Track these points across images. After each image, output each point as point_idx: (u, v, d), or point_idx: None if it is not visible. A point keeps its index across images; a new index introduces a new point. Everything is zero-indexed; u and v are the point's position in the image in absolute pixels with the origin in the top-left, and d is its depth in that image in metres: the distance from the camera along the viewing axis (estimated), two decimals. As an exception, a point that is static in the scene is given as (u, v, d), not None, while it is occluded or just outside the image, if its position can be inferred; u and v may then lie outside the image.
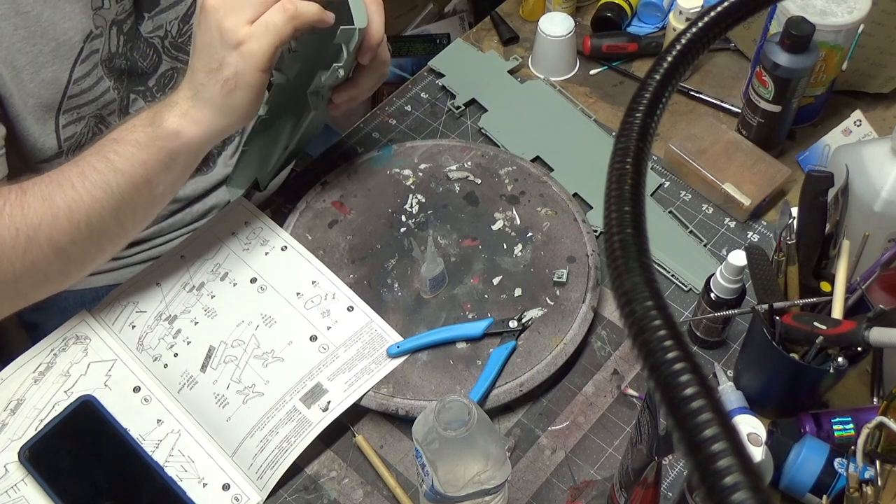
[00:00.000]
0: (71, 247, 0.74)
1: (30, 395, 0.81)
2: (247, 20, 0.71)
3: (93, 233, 0.75)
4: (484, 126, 1.05)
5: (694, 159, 0.97)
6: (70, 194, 0.72)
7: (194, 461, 0.78)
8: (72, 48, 0.81)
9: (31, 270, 0.74)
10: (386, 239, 0.91)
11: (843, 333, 0.67)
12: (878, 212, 0.79)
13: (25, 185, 0.73)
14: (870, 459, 0.66)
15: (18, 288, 0.75)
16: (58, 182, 0.72)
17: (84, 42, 0.82)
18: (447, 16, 2.07)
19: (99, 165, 0.73)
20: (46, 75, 0.81)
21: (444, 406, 0.62)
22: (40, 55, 0.79)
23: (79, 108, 0.86)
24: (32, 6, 0.77)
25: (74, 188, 0.72)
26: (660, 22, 1.16)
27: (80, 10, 0.80)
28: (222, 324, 0.85)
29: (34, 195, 0.72)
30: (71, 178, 0.72)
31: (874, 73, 1.03)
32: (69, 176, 0.73)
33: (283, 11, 0.71)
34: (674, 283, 0.91)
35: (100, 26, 0.83)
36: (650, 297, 0.29)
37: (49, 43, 0.79)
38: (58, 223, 0.72)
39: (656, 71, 0.37)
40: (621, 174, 0.34)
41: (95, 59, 0.84)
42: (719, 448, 0.25)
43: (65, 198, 0.72)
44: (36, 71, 0.80)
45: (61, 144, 0.87)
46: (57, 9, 0.78)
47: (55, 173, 0.73)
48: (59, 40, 0.80)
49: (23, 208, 0.71)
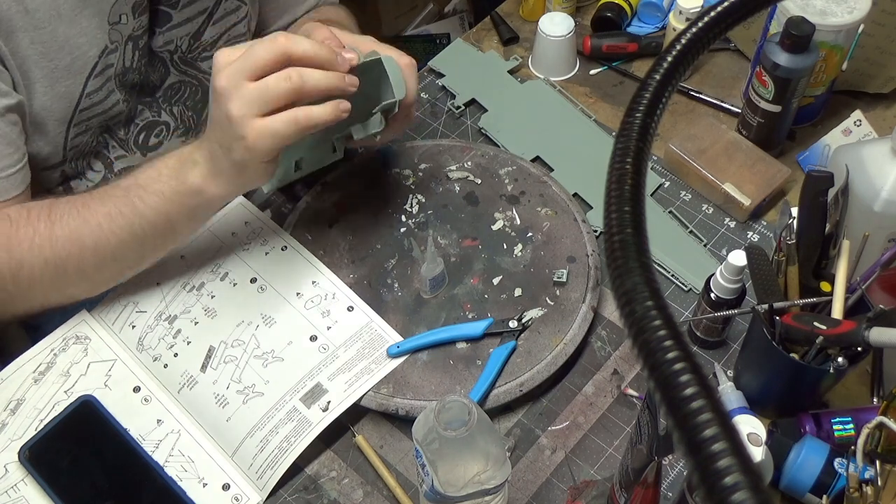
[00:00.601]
0: (96, 274, 0.80)
1: (30, 395, 0.81)
2: (255, 114, 0.69)
3: (117, 264, 0.80)
4: (484, 126, 1.05)
5: (694, 159, 0.97)
6: (97, 233, 0.76)
7: (194, 461, 0.78)
8: (86, 63, 0.82)
9: (58, 294, 0.80)
10: (386, 239, 0.91)
11: (843, 333, 0.67)
12: (878, 212, 0.79)
13: (53, 217, 0.77)
14: (870, 459, 0.66)
15: (45, 304, 0.81)
16: (84, 219, 0.76)
17: (99, 57, 0.82)
18: (447, 16, 2.07)
19: (125, 210, 0.76)
20: (60, 89, 0.81)
21: (444, 406, 0.62)
22: (55, 70, 0.79)
23: (88, 121, 0.86)
24: (49, 21, 0.77)
25: (101, 228, 0.76)
26: (660, 22, 1.16)
27: (97, 25, 0.80)
28: (222, 324, 0.85)
29: (62, 228, 0.76)
30: (98, 218, 0.76)
31: (874, 73, 1.03)
32: (96, 215, 0.76)
33: (294, 123, 0.69)
34: (674, 283, 0.91)
35: (115, 41, 0.83)
36: (650, 297, 0.29)
37: (65, 58, 0.79)
38: (84, 256, 0.77)
39: (656, 71, 0.37)
40: (621, 174, 0.34)
41: (109, 73, 0.85)
42: (719, 448, 0.25)
43: (91, 236, 0.76)
44: (51, 85, 0.80)
45: (66, 154, 0.87)
46: (73, 24, 0.78)
47: (82, 209, 0.77)
48: (75, 55, 0.80)
49: (51, 241, 0.76)
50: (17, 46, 0.76)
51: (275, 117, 0.69)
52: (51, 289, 0.79)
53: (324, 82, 0.70)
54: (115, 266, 0.80)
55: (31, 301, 0.80)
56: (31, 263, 0.76)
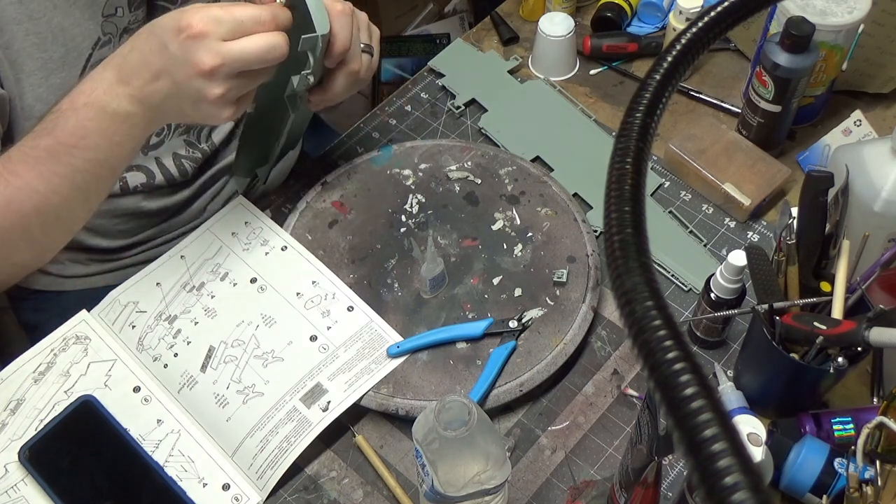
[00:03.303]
0: (44, 238, 0.77)
1: (30, 395, 0.81)
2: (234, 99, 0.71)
3: (64, 222, 0.77)
4: (484, 126, 1.05)
5: (694, 159, 0.97)
6: (35, 198, 0.73)
7: (194, 461, 0.78)
8: (80, 55, 0.81)
9: (7, 264, 0.77)
10: (386, 239, 0.91)
11: (843, 333, 0.67)
12: (878, 212, 0.79)
13: None
14: (870, 459, 0.66)
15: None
16: (17, 187, 0.73)
17: (93, 49, 0.82)
18: (447, 16, 2.07)
19: (60, 170, 0.73)
20: (55, 81, 0.81)
21: (444, 406, 0.62)
22: (50, 61, 0.79)
23: None
24: (43, 12, 0.77)
25: (39, 192, 0.73)
26: (660, 22, 1.16)
27: (90, 16, 0.80)
28: (222, 324, 0.85)
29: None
30: (32, 183, 0.73)
31: (874, 73, 1.03)
32: (28, 180, 0.73)
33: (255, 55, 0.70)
34: (674, 283, 0.91)
35: (108, 33, 0.83)
36: (650, 297, 0.29)
37: (59, 49, 0.79)
38: (29, 222, 0.74)
39: (656, 71, 0.37)
40: (621, 174, 0.34)
41: None
42: (719, 448, 0.25)
43: (30, 201, 0.73)
44: (45, 76, 0.80)
45: None
46: (67, 15, 0.78)
47: (10, 175, 0.73)
48: (69, 46, 0.80)
49: None
50: (12, 38, 0.76)
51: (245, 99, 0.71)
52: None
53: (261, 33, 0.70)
54: (60, 224, 0.78)
55: None
56: None
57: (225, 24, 0.68)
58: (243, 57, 0.69)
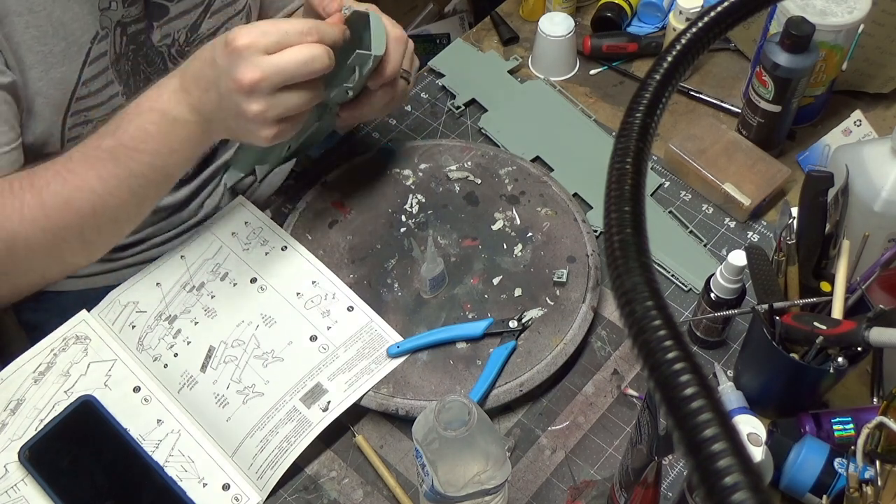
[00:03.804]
0: (98, 238, 0.80)
1: (30, 395, 0.81)
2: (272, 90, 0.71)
3: (117, 224, 0.81)
4: (484, 126, 1.05)
5: (694, 159, 0.97)
6: (93, 198, 0.75)
7: (194, 461, 0.78)
8: (80, 48, 0.82)
9: (57, 263, 0.81)
10: (386, 239, 0.91)
11: (843, 333, 0.67)
12: (878, 212, 0.79)
13: (38, 185, 0.75)
14: (870, 459, 0.66)
15: (45, 277, 0.82)
16: (75, 186, 0.75)
17: (92, 43, 0.82)
18: (447, 16, 2.07)
19: (118, 172, 0.75)
20: (56, 75, 0.81)
21: (444, 406, 0.62)
22: (50, 55, 0.79)
23: (87, 111, 0.86)
24: (43, 5, 0.77)
25: (96, 192, 0.75)
26: (660, 22, 1.16)
27: (88, 10, 0.81)
28: (222, 324, 0.85)
29: (52, 196, 0.75)
30: (90, 183, 0.75)
31: (874, 73, 1.03)
32: (87, 180, 0.75)
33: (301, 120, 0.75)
34: (674, 283, 0.91)
35: (105, 27, 0.83)
36: (650, 297, 0.29)
37: (59, 42, 0.80)
38: (84, 222, 0.77)
39: (656, 71, 0.37)
40: (621, 174, 0.34)
41: (105, 62, 0.85)
42: (719, 448, 0.25)
43: (87, 201, 0.75)
44: (46, 70, 0.80)
45: (64, 144, 0.87)
46: (67, 9, 0.79)
47: (68, 175, 0.75)
48: (69, 40, 0.80)
49: (43, 210, 0.75)
50: (12, 30, 0.76)
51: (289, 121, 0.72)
52: (49, 259, 0.79)
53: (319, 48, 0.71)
54: (114, 226, 0.80)
55: (30, 274, 0.80)
56: (26, 234, 0.75)
57: (267, 36, 0.69)
58: (283, 69, 0.69)
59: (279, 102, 0.71)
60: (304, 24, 0.71)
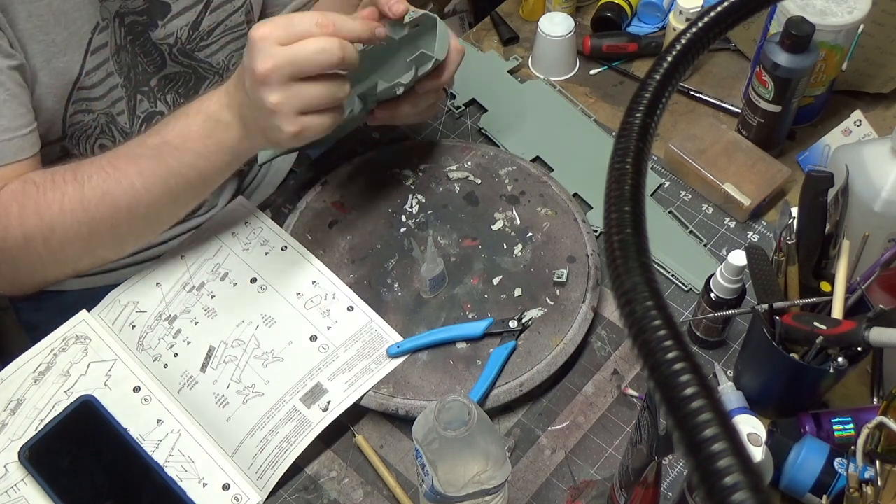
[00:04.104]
0: (129, 234, 0.82)
1: (30, 395, 0.81)
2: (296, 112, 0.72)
3: (149, 221, 0.82)
4: (484, 126, 1.05)
5: (694, 159, 0.97)
6: (130, 193, 0.77)
7: (194, 461, 0.78)
8: (82, 39, 0.82)
9: (89, 255, 0.82)
10: (386, 239, 0.91)
11: (843, 333, 0.67)
12: (878, 212, 0.79)
13: (80, 178, 0.77)
14: (870, 459, 0.66)
15: (76, 268, 0.83)
16: (116, 180, 0.77)
17: (93, 33, 0.82)
18: (447, 16, 2.06)
19: (159, 169, 0.77)
20: (58, 65, 0.81)
21: (444, 406, 0.62)
22: (52, 44, 0.80)
23: (88, 101, 0.86)
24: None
25: (135, 187, 0.77)
26: (660, 22, 1.16)
27: (89, 1, 0.81)
28: (222, 324, 0.85)
29: (92, 189, 0.77)
30: (131, 178, 0.77)
31: (874, 73, 1.03)
32: (128, 175, 0.77)
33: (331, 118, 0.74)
34: (674, 283, 0.91)
35: (105, 18, 0.83)
36: (650, 297, 0.29)
37: (61, 32, 0.80)
38: (118, 216, 0.78)
39: (656, 71, 0.37)
40: (621, 174, 0.34)
41: (106, 53, 0.85)
42: (719, 448, 0.25)
43: (125, 196, 0.77)
44: (48, 60, 0.80)
45: (65, 130, 0.87)
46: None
47: (111, 169, 0.77)
48: (70, 30, 0.80)
49: (83, 202, 0.77)
50: (15, 19, 0.76)
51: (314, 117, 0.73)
52: (82, 251, 0.81)
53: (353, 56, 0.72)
54: (146, 224, 0.82)
55: (63, 265, 0.82)
56: (64, 226, 0.77)
57: (281, 28, 0.70)
58: (293, 59, 0.69)
59: (296, 93, 0.71)
60: (321, 17, 0.71)
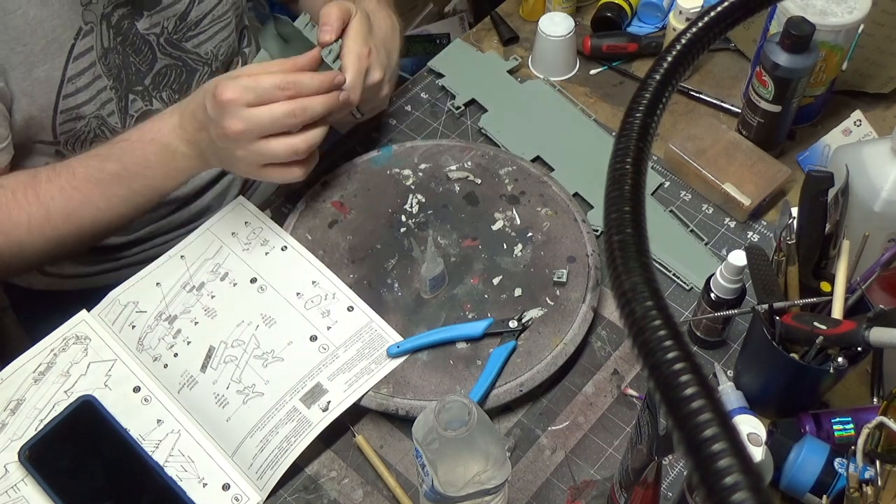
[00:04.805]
0: (92, 242, 0.90)
1: (30, 395, 0.81)
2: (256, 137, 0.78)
3: (113, 229, 0.89)
4: (484, 126, 1.05)
5: (694, 159, 0.97)
6: (95, 213, 0.84)
7: (194, 461, 0.78)
8: (62, 46, 0.82)
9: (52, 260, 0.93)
10: (386, 239, 0.91)
11: (843, 333, 0.67)
12: (878, 212, 0.79)
13: (43, 198, 0.83)
14: (870, 459, 0.66)
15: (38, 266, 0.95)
16: (79, 202, 0.83)
17: (75, 39, 0.82)
18: (447, 16, 2.07)
19: (121, 193, 0.84)
20: (39, 74, 0.81)
21: (444, 406, 0.62)
22: (31, 54, 0.80)
23: (77, 108, 0.86)
24: (19, 4, 0.77)
25: (100, 209, 0.84)
26: (660, 22, 1.16)
27: (69, 6, 0.81)
28: (222, 324, 0.85)
29: (56, 208, 0.83)
30: (95, 201, 0.84)
31: (874, 73, 1.03)
32: (92, 198, 0.83)
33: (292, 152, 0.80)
34: (674, 283, 0.91)
35: (90, 22, 0.83)
36: (650, 297, 0.29)
37: (39, 41, 0.79)
38: (83, 232, 0.86)
39: (656, 71, 0.37)
40: (621, 174, 0.34)
41: (91, 57, 0.85)
42: (719, 448, 0.25)
43: (90, 216, 0.85)
44: (28, 70, 0.80)
45: (57, 137, 0.87)
46: (45, 6, 0.79)
47: (73, 191, 0.83)
48: (49, 38, 0.80)
49: (49, 221, 0.83)
50: None
51: (275, 169, 0.81)
52: (46, 258, 0.90)
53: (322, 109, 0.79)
54: (109, 232, 0.89)
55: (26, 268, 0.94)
56: (32, 243, 0.84)
57: (249, 92, 0.76)
58: (262, 122, 0.76)
59: (260, 150, 0.78)
60: (283, 79, 0.77)
